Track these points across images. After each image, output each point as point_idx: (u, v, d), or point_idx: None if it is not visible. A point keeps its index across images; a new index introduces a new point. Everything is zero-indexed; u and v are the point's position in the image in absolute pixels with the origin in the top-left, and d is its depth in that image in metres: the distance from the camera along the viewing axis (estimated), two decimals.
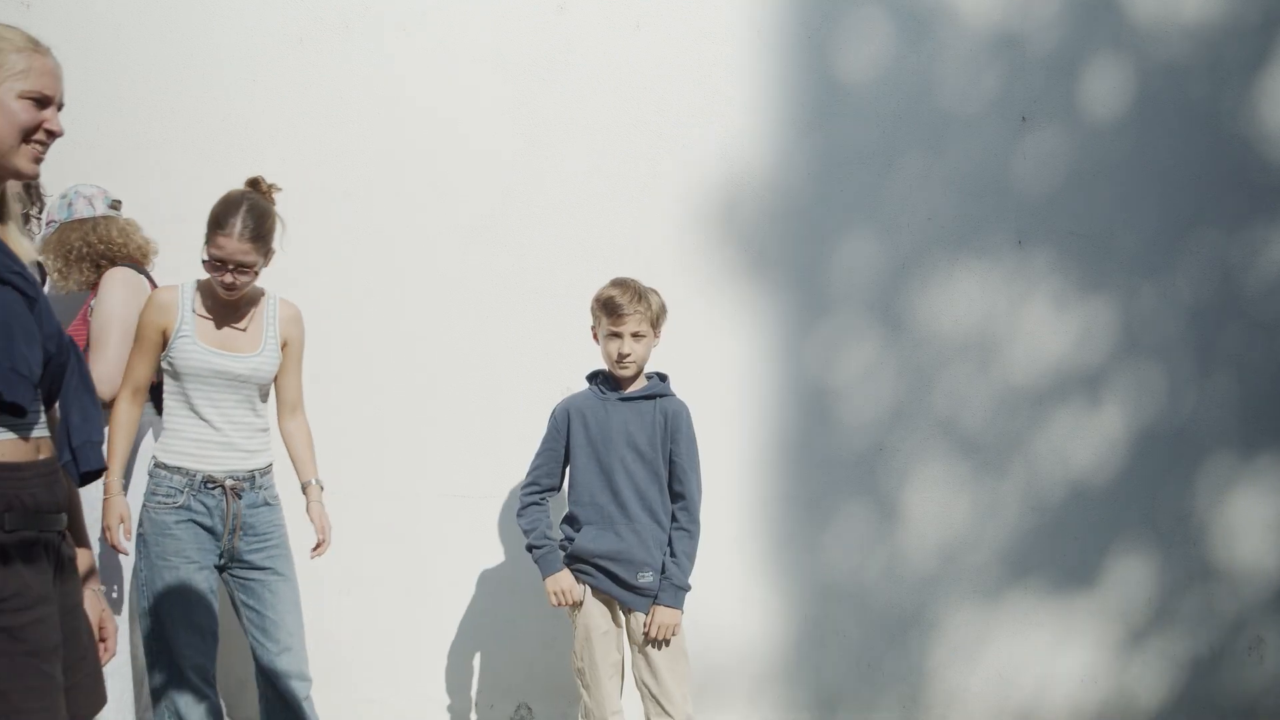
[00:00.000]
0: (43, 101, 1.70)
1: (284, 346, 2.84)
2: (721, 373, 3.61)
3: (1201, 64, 3.76)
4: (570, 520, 2.86)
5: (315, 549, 2.88)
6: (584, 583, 2.81)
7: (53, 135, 1.73)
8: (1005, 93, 3.70)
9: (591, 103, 3.60)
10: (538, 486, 2.89)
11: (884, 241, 3.68)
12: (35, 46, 1.70)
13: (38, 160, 1.72)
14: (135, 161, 3.48)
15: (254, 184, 2.77)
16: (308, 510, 2.89)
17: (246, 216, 2.63)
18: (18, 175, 1.72)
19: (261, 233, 2.66)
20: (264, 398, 2.85)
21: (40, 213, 3.13)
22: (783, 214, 3.65)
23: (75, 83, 1.80)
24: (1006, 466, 3.70)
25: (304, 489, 2.93)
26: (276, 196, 2.80)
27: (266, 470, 2.81)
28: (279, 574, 2.78)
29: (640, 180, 3.61)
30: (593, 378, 2.94)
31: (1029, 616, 3.72)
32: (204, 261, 2.67)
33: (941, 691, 3.69)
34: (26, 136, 1.69)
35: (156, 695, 2.67)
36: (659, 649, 2.77)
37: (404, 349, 3.57)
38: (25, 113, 1.68)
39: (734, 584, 3.60)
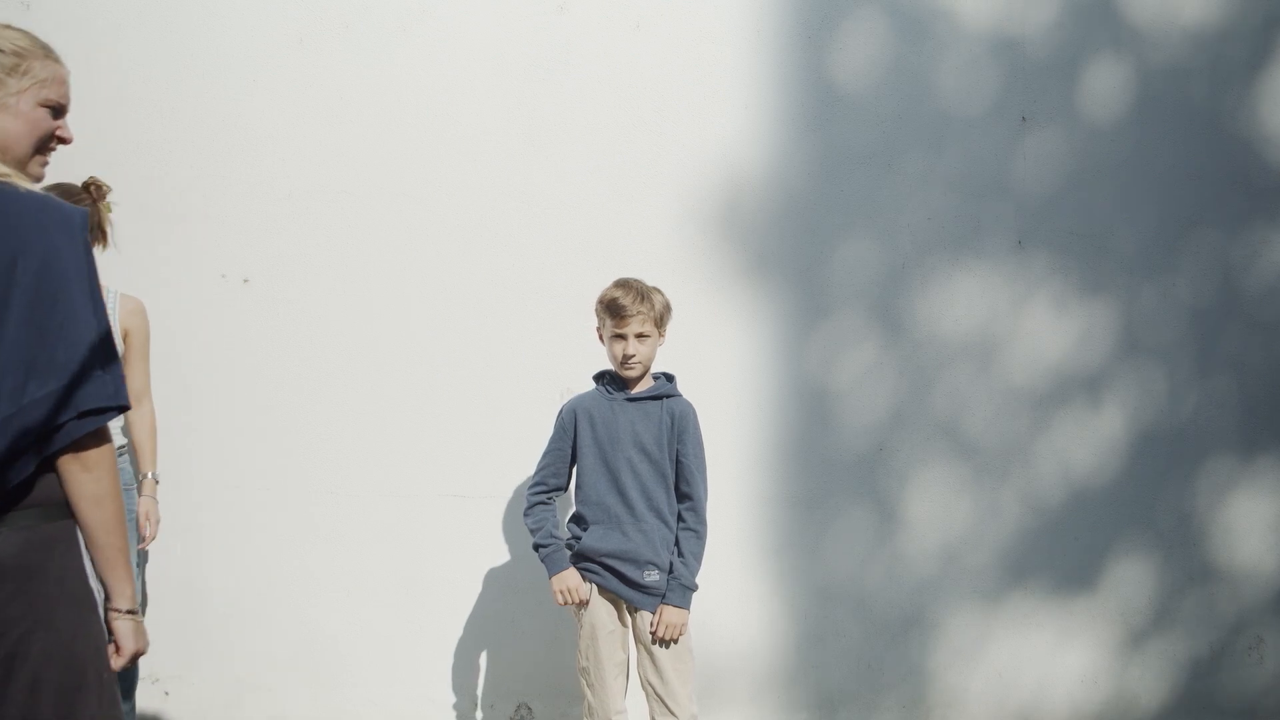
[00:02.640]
0: (59, 110, 1.71)
1: (125, 337, 2.92)
2: (722, 373, 3.60)
3: (1202, 65, 3.76)
4: (577, 520, 2.86)
5: (140, 544, 2.94)
6: (590, 581, 2.81)
7: (63, 142, 1.74)
8: (1005, 93, 3.70)
9: (591, 103, 3.60)
10: (544, 486, 2.89)
11: (884, 242, 3.67)
12: (50, 53, 1.71)
13: (45, 166, 1.73)
14: (135, 161, 3.47)
15: (87, 187, 2.83)
16: (138, 503, 2.96)
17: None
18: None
19: None
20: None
21: None
22: (783, 214, 3.65)
23: (76, 83, 1.79)
24: (1007, 467, 3.70)
25: (139, 481, 2.99)
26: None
27: (122, 451, 2.88)
28: None
29: (640, 180, 3.61)
30: (599, 377, 2.94)
31: (1029, 617, 3.72)
32: None
33: (942, 692, 3.69)
34: (43, 145, 1.70)
35: None
36: (665, 648, 2.78)
37: (404, 349, 3.57)
38: (45, 121, 1.69)
39: (735, 584, 3.60)
